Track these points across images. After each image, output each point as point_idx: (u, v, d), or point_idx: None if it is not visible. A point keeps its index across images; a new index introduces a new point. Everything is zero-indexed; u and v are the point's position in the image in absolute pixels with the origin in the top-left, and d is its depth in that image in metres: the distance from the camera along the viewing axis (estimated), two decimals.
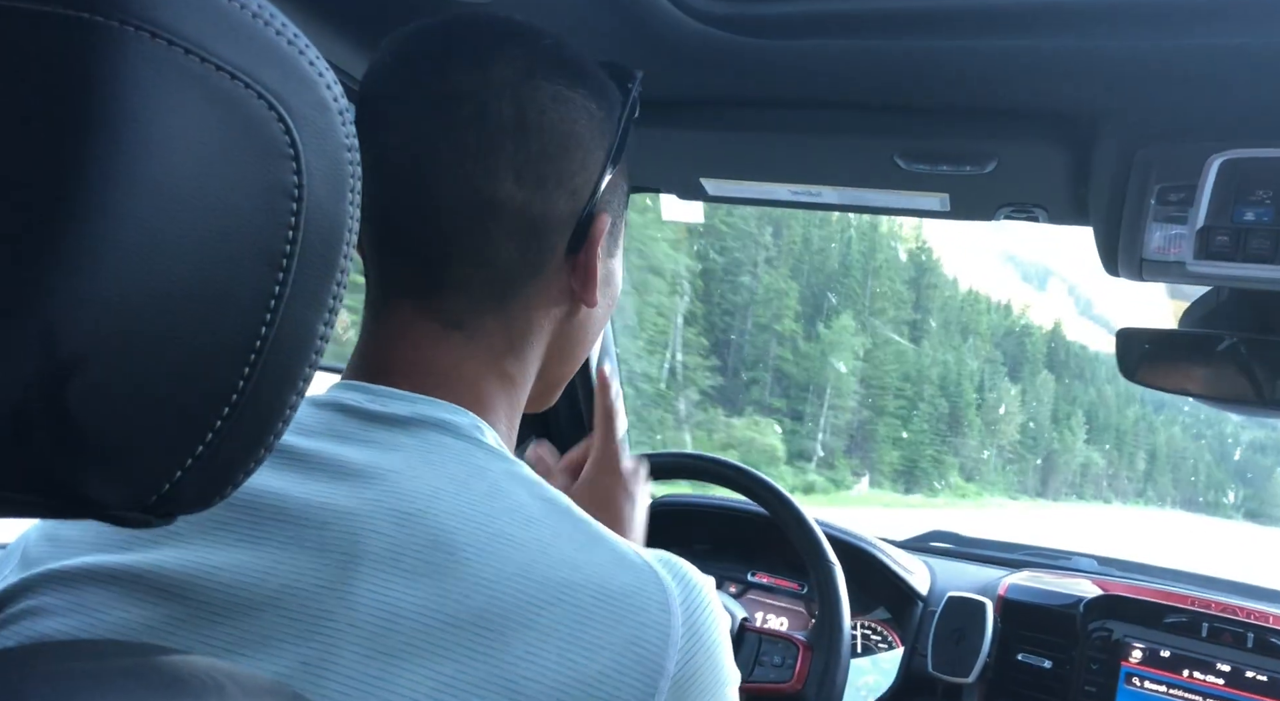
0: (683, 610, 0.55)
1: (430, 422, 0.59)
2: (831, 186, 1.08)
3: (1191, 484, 54.67)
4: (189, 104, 0.34)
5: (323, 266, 0.39)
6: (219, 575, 0.51)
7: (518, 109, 0.61)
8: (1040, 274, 45.13)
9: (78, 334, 0.32)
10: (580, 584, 0.53)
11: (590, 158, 0.64)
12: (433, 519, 0.53)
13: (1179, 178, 0.84)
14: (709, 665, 0.55)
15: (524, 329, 0.66)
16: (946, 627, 1.33)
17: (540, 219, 0.62)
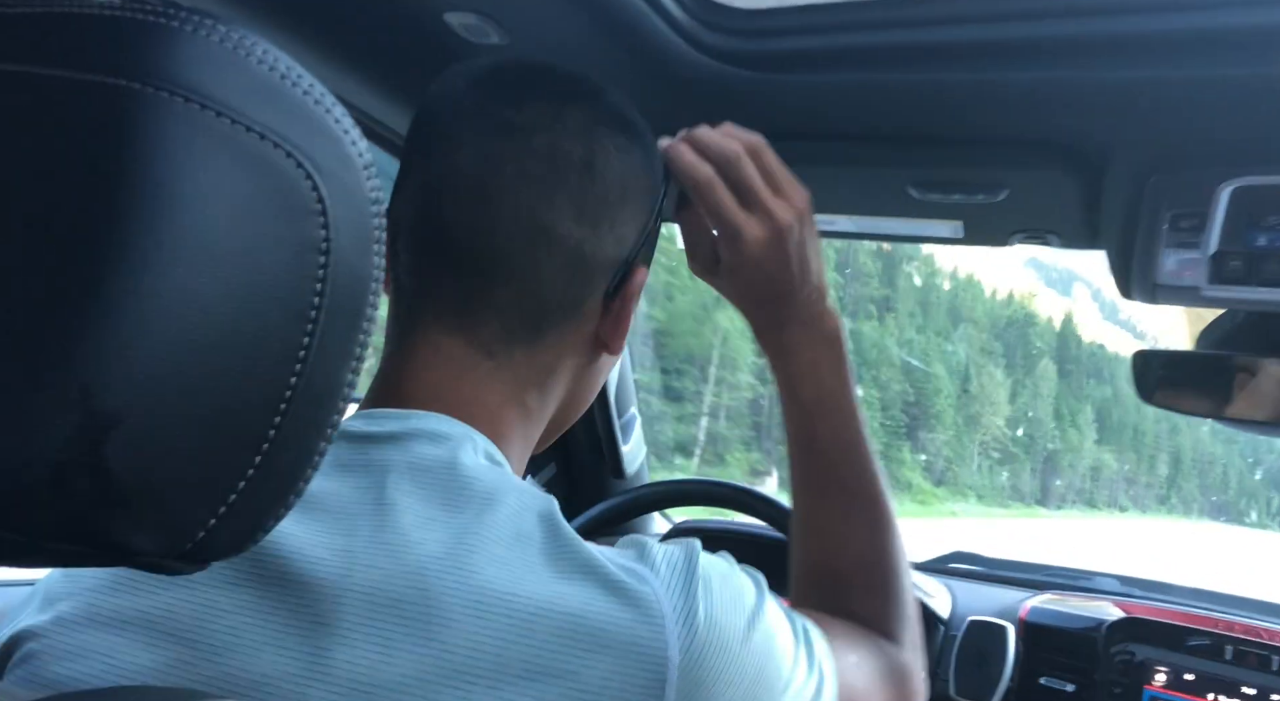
0: (670, 591, 0.54)
1: (423, 435, 0.59)
2: (846, 215, 1.09)
3: (1220, 491, 48.83)
4: (220, 164, 0.35)
5: (349, 318, 0.40)
6: (224, 618, 0.52)
7: (586, 151, 0.63)
8: (1065, 278, 42.23)
9: (115, 390, 0.33)
10: (568, 608, 0.52)
11: (639, 211, 0.66)
12: (416, 572, 0.52)
13: (1190, 205, 0.85)
14: (718, 638, 0.54)
15: (550, 366, 0.66)
16: (968, 651, 1.32)
17: (590, 258, 0.64)
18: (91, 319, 0.33)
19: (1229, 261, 0.86)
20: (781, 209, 0.73)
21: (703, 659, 0.53)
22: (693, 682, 0.52)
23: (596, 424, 1.59)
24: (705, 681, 0.53)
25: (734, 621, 0.56)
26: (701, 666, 0.53)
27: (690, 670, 0.52)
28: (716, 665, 0.54)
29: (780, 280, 0.75)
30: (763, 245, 0.73)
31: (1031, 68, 0.77)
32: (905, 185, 0.96)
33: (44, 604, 0.56)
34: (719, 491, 1.28)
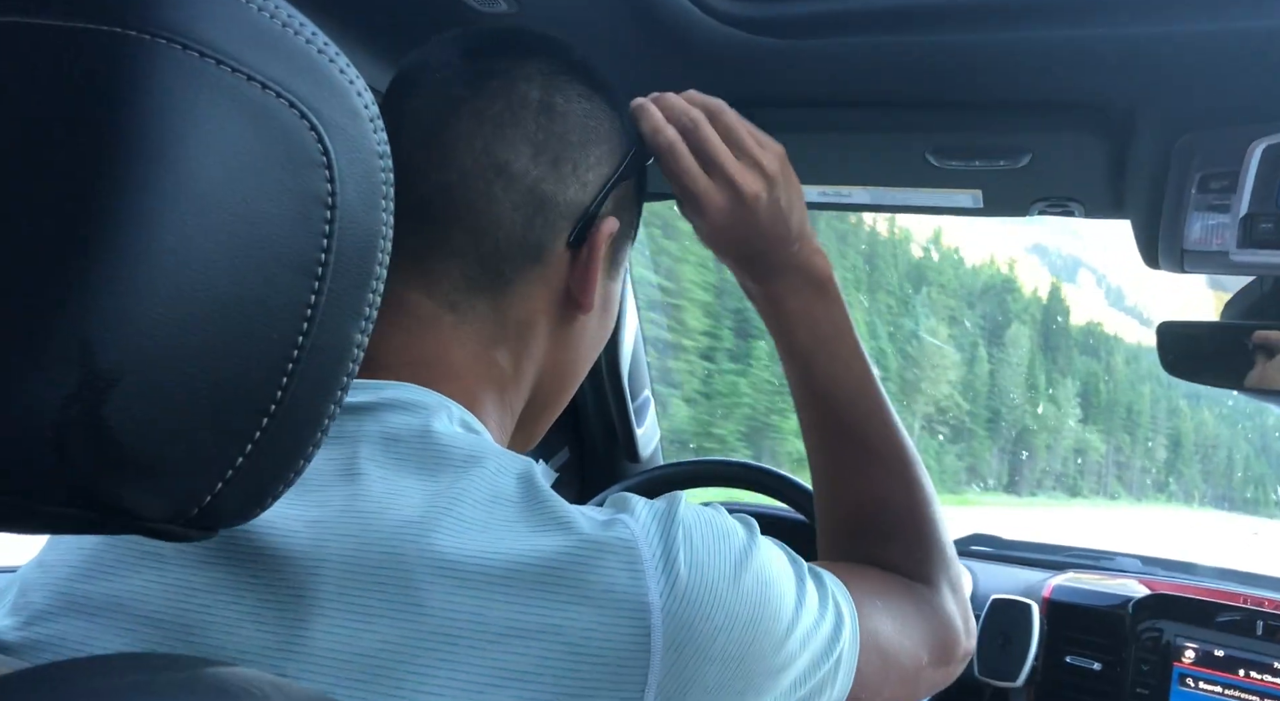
0: (649, 538, 0.52)
1: (397, 405, 0.57)
2: (862, 186, 1.07)
3: (1224, 478, 42.23)
4: (221, 115, 0.34)
5: (358, 275, 0.39)
6: (197, 597, 0.51)
7: (545, 94, 0.63)
8: (1070, 265, 38.33)
9: (114, 347, 0.32)
10: (544, 562, 0.50)
11: (606, 158, 0.65)
12: (390, 539, 0.51)
13: (1221, 164, 0.82)
14: (702, 581, 0.52)
15: (519, 320, 0.64)
16: (992, 631, 1.31)
17: (549, 198, 0.62)
18: (90, 274, 0.31)
19: (1259, 224, 0.83)
20: (746, 176, 0.72)
21: (688, 604, 0.51)
22: (680, 629, 0.51)
23: (610, 407, 1.57)
24: (694, 627, 0.51)
25: (719, 564, 0.54)
26: (687, 612, 0.51)
27: (675, 616, 0.51)
28: (704, 610, 0.52)
29: (753, 241, 0.74)
30: (725, 213, 0.72)
31: (1056, 26, 0.75)
32: (924, 152, 0.94)
33: (16, 600, 0.55)
34: (735, 471, 1.26)
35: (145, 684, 0.33)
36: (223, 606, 0.51)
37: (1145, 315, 27.19)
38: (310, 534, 0.51)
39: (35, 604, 0.54)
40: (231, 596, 0.51)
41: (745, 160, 0.72)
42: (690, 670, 0.51)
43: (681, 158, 0.71)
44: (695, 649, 0.51)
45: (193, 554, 0.52)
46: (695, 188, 0.71)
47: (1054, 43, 0.77)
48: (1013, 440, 42.47)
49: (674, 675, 0.50)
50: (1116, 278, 25.24)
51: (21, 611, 0.54)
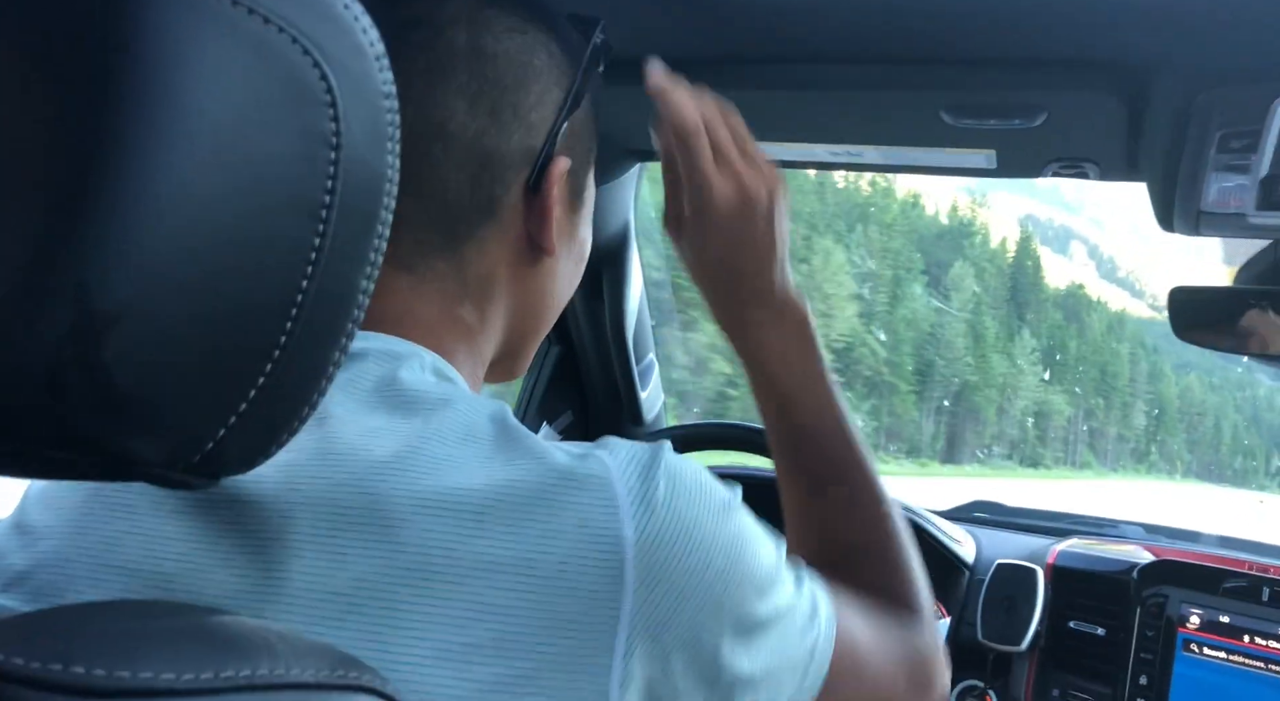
0: (625, 476, 0.52)
1: (369, 354, 0.57)
2: (874, 146, 1.05)
3: (1213, 447, 37.09)
4: (222, 50, 0.33)
5: (363, 218, 0.38)
6: (172, 546, 0.51)
7: (471, 36, 0.59)
8: (1061, 236, 36.50)
9: (112, 288, 0.31)
10: (522, 480, 0.50)
11: (548, 95, 0.62)
12: (363, 478, 0.50)
13: (1243, 123, 0.81)
14: (678, 522, 0.52)
15: (480, 275, 0.63)
16: (996, 596, 1.31)
17: (493, 151, 0.60)
18: (85, 213, 0.30)
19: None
20: (751, 176, 0.72)
21: (662, 543, 0.51)
22: (653, 567, 0.50)
23: (614, 370, 1.57)
24: (667, 565, 0.51)
25: (698, 511, 0.53)
26: (661, 550, 0.51)
27: (649, 551, 0.50)
28: (679, 549, 0.51)
29: (743, 250, 0.73)
30: (730, 205, 0.71)
31: None
32: (938, 110, 0.92)
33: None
34: (741, 434, 1.26)
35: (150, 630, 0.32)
36: (197, 554, 0.50)
37: (1137, 287, 26.93)
38: (281, 477, 0.51)
39: (15, 565, 0.53)
40: (205, 543, 0.50)
41: (749, 162, 0.72)
42: (663, 610, 0.51)
43: (703, 146, 0.70)
44: (669, 587, 0.51)
45: (166, 504, 0.52)
46: (708, 176, 0.70)
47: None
48: (951, 399, 35.47)
49: (646, 613, 0.50)
50: (1109, 249, 25.12)
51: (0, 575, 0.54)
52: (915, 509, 1.47)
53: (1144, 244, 25.29)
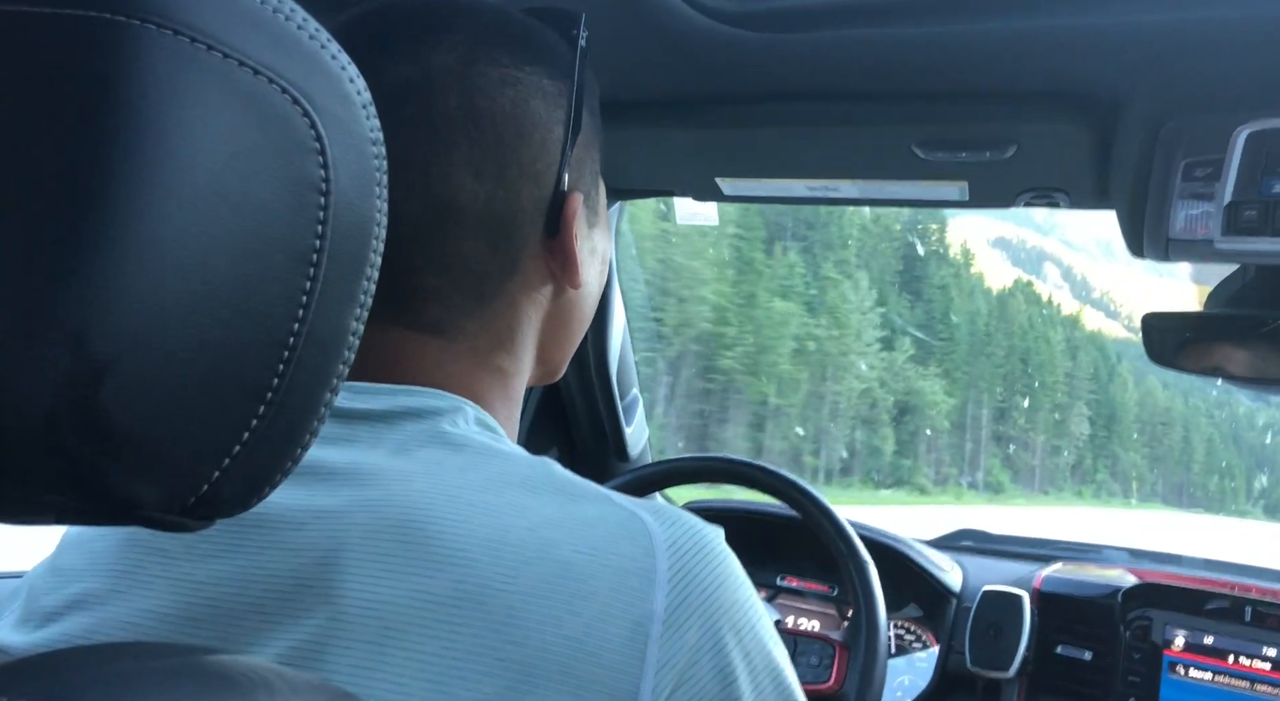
0: (669, 551, 0.52)
1: (412, 413, 0.57)
2: (849, 180, 1.07)
3: (1183, 464, 28.19)
4: (213, 101, 0.34)
5: (353, 262, 0.39)
6: (202, 590, 0.51)
7: (465, 99, 0.58)
8: (1034, 258, 33.32)
9: (108, 335, 0.31)
10: (559, 540, 0.51)
11: (550, 137, 0.61)
12: (405, 500, 0.51)
13: (1205, 151, 0.83)
14: (707, 610, 0.52)
15: (509, 324, 0.63)
16: (983, 622, 1.31)
17: (507, 213, 0.59)
18: (82, 262, 0.31)
19: (1243, 211, 0.84)
20: None
21: (689, 623, 0.52)
22: (676, 646, 0.51)
23: (599, 405, 1.57)
24: (690, 647, 0.52)
25: (733, 598, 0.55)
26: (687, 630, 0.52)
27: (675, 631, 0.51)
28: (704, 635, 0.52)
29: None
30: None
31: (1041, 15, 0.76)
32: (911, 144, 0.94)
33: (27, 606, 0.55)
34: (726, 467, 1.26)
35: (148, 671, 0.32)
36: (227, 599, 0.50)
37: (1110, 307, 26.07)
38: (320, 526, 0.51)
39: (46, 607, 0.53)
40: (235, 588, 0.51)
41: None
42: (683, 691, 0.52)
43: None
44: (688, 669, 0.52)
45: (198, 548, 0.52)
46: None
47: (1039, 32, 0.77)
48: (811, 408, 23.29)
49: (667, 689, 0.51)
50: (1081, 269, 24.74)
51: (32, 618, 0.54)
52: (903, 539, 1.48)
53: (1115, 264, 24.32)
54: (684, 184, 1.20)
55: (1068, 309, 33.80)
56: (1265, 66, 0.77)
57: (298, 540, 0.51)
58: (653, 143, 1.06)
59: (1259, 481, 25.38)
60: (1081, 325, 29.93)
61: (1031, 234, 24.90)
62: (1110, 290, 27.55)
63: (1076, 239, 23.06)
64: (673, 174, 1.17)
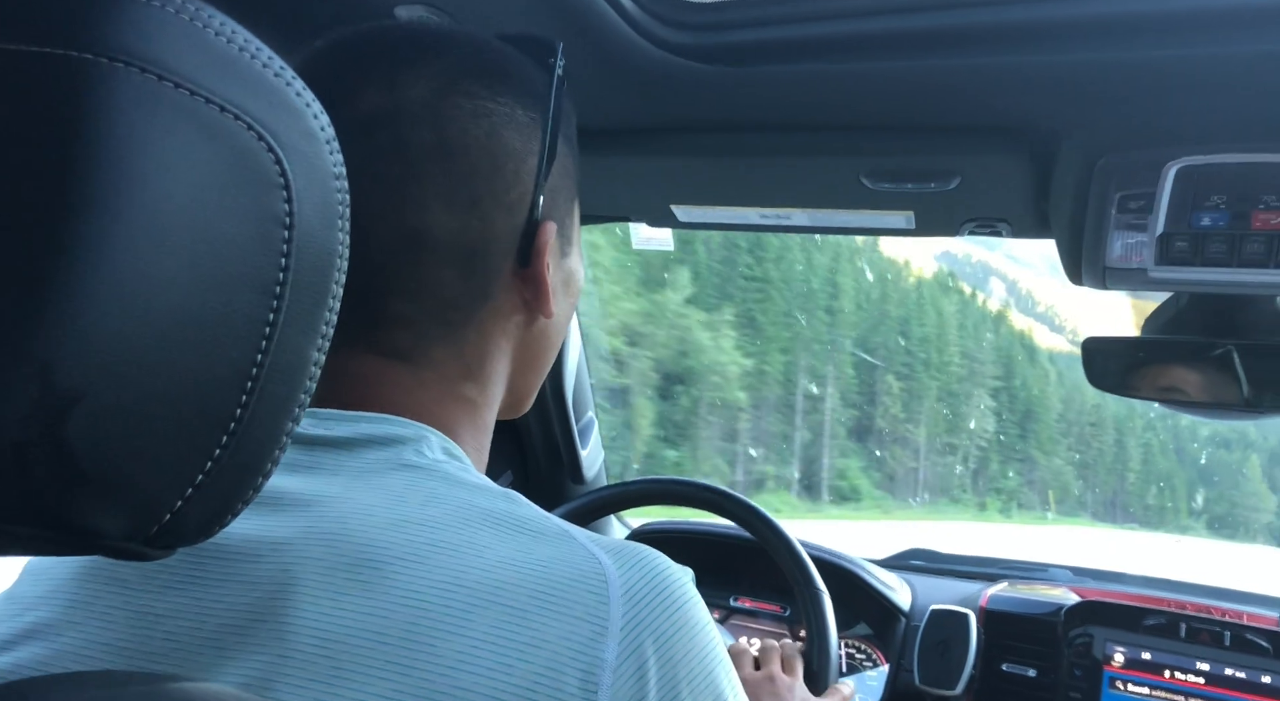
0: (625, 599, 0.51)
1: (375, 440, 0.57)
2: (801, 209, 1.10)
3: (1116, 474, 23.97)
4: (179, 137, 0.35)
5: (315, 294, 0.40)
6: (161, 624, 0.50)
7: (437, 130, 0.57)
8: (980, 272, 30.25)
9: (75, 368, 0.32)
10: (516, 583, 0.50)
11: (523, 168, 0.60)
12: (363, 535, 0.51)
13: (1138, 185, 0.86)
14: (661, 658, 0.51)
15: (479, 353, 0.62)
16: (931, 641, 1.33)
17: (479, 244, 0.59)
18: (49, 295, 0.31)
19: (1175, 242, 0.88)
20: None
21: (640, 671, 0.51)
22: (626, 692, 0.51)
23: (554, 428, 1.58)
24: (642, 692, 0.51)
25: (688, 647, 0.54)
26: (638, 678, 0.51)
27: (624, 677, 0.50)
28: (655, 682, 0.52)
29: None
30: None
31: (982, 53, 0.78)
32: (859, 175, 0.97)
33: None
34: (683, 490, 1.27)
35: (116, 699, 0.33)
36: (184, 633, 0.50)
37: (1055, 322, 24.35)
38: (275, 557, 0.51)
39: (2, 635, 0.53)
40: (192, 622, 0.50)
41: None
42: None
43: None
44: None
45: (157, 579, 0.52)
46: None
47: (981, 69, 0.80)
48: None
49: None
50: (1027, 284, 23.89)
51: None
52: (853, 559, 1.50)
53: (1061, 279, 24.58)
54: (639, 210, 1.22)
55: (1041, 341, 26.68)
56: (1195, 105, 0.81)
57: (253, 572, 0.51)
58: (609, 170, 1.08)
59: (1201, 495, 21.74)
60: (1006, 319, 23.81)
61: (978, 248, 22.96)
62: (1055, 305, 24.63)
63: (1022, 255, 22.74)
64: (628, 200, 1.19)
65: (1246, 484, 19.51)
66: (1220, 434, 18.70)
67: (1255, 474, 19.69)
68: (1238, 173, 0.83)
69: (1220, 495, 20.73)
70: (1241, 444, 19.41)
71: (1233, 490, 20.06)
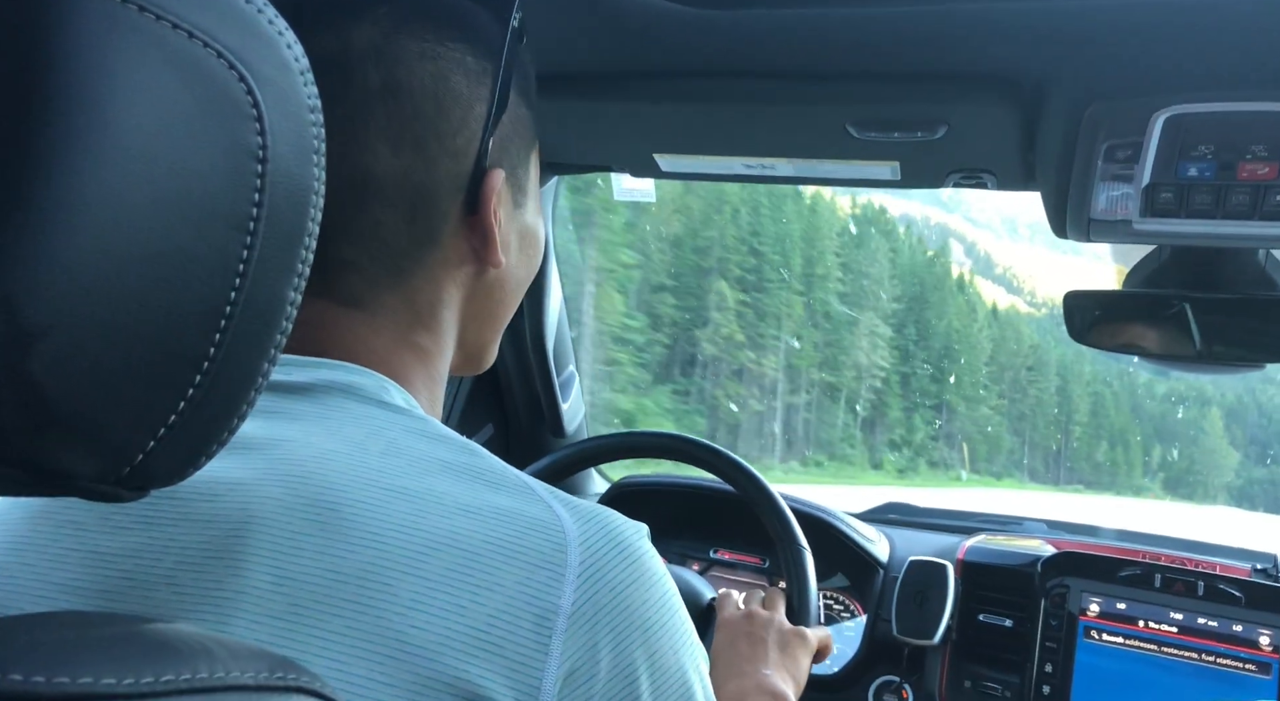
0: (581, 548, 0.52)
1: (335, 387, 0.57)
2: (785, 159, 1.08)
3: (1060, 428, 18.32)
4: (148, 65, 0.33)
5: (291, 230, 0.39)
6: (116, 563, 0.50)
7: (384, 72, 0.58)
8: (939, 234, 28.84)
9: (40, 302, 0.31)
10: (471, 530, 0.51)
11: (470, 114, 0.61)
12: (321, 479, 0.51)
13: (1126, 135, 0.86)
14: (616, 607, 0.52)
15: (430, 300, 0.63)
16: (909, 592, 1.35)
17: (424, 186, 0.59)
18: (10, 227, 0.30)
19: (1160, 193, 0.87)
20: None
21: (597, 619, 0.52)
22: (581, 640, 0.51)
23: (535, 382, 1.57)
24: (596, 642, 0.52)
25: (644, 598, 0.55)
26: (594, 626, 0.52)
27: (581, 625, 0.51)
28: (612, 631, 0.52)
29: None
30: None
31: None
32: (845, 123, 0.96)
33: None
34: (663, 443, 1.27)
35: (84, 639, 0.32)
36: (140, 571, 0.50)
37: (1013, 284, 20.79)
38: (233, 497, 0.51)
39: None
40: (149, 560, 0.50)
41: None
42: (587, 677, 0.52)
43: None
44: (595, 661, 0.52)
45: (112, 520, 0.52)
46: None
47: (968, 14, 0.79)
48: None
49: (571, 679, 0.51)
50: (985, 246, 21.64)
51: None
52: (831, 511, 1.51)
53: (1019, 242, 23.62)
54: (621, 159, 1.20)
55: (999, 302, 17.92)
56: (1185, 52, 0.80)
57: (210, 511, 0.51)
58: (589, 116, 1.06)
59: (1158, 451, 17.60)
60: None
61: (936, 211, 21.87)
62: (1013, 266, 23.27)
63: (981, 217, 22.33)
64: (609, 149, 1.17)
65: (1206, 440, 16.87)
66: (1177, 391, 16.33)
67: (1215, 429, 16.64)
68: (1227, 122, 0.82)
69: (1179, 452, 17.98)
70: (1199, 401, 16.18)
71: (1191, 446, 17.29)
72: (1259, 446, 16.30)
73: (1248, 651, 1.20)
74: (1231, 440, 16.66)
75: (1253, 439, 16.37)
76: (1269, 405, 16.43)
